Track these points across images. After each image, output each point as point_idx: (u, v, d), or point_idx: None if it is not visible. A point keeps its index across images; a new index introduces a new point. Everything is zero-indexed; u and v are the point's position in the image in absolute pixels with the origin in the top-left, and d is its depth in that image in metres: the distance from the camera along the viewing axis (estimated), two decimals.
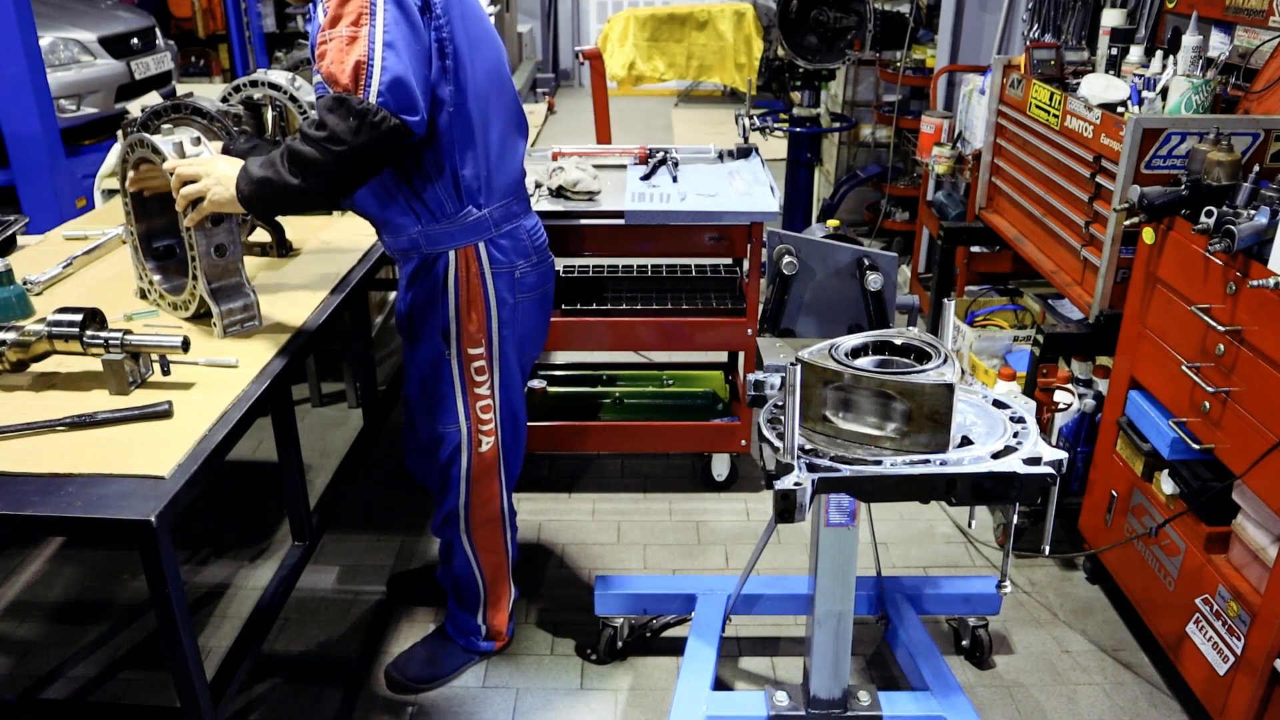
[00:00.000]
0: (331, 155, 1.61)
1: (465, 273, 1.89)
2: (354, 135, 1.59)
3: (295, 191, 1.66)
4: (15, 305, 1.87)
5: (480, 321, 1.93)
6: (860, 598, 2.24)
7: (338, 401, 3.60)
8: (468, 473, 2.08)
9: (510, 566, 2.27)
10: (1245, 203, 1.97)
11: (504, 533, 2.21)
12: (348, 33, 1.60)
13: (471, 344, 1.94)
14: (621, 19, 4.91)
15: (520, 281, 1.95)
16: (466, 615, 2.28)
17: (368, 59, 1.58)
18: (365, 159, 1.64)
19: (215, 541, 2.77)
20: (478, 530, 2.16)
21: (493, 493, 2.14)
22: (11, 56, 3.69)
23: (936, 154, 3.84)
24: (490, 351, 1.96)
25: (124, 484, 1.39)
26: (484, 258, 1.89)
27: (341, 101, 1.59)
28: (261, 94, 2.36)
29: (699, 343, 2.88)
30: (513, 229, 1.92)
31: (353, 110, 1.58)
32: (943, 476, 1.51)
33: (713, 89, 9.09)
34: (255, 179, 1.69)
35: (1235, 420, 1.93)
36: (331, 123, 1.59)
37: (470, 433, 2.03)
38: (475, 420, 2.02)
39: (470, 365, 1.96)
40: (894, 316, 2.10)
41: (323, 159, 1.61)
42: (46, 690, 2.25)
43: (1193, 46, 2.52)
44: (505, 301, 1.93)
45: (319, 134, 1.61)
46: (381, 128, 1.59)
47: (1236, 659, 1.94)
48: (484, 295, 1.91)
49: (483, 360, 1.96)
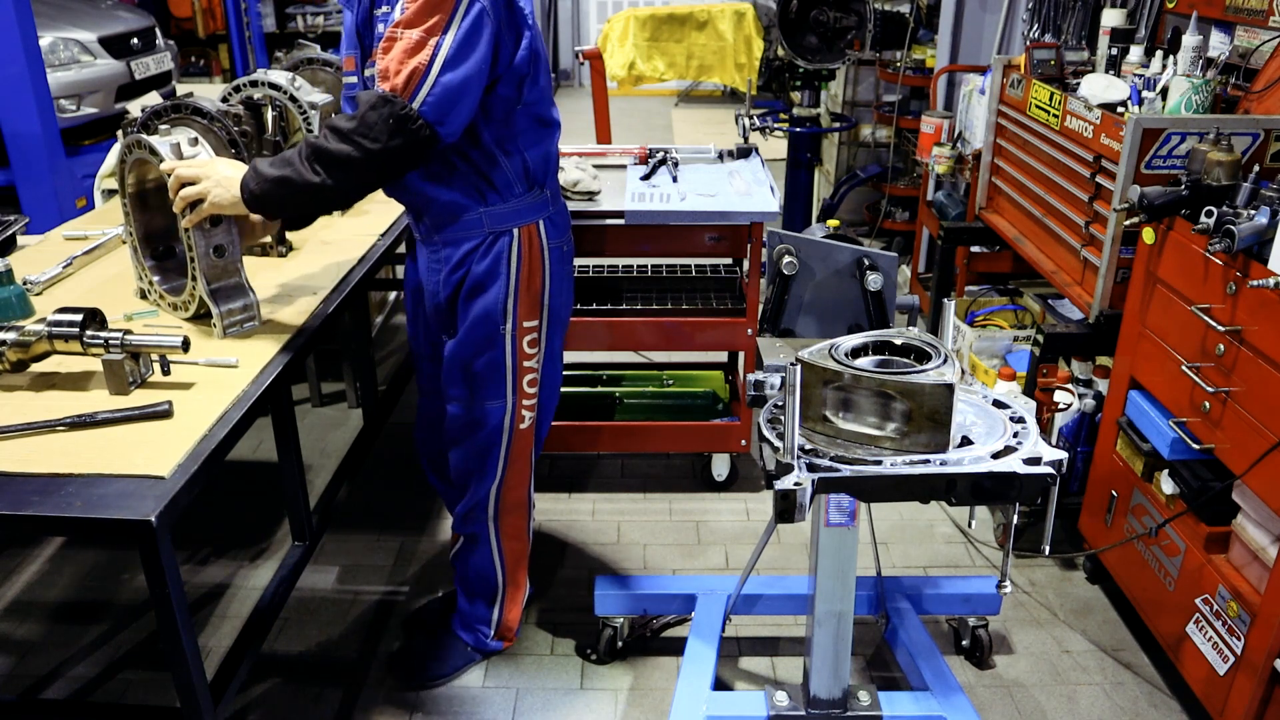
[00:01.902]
0: (363, 151, 1.63)
1: (528, 249, 1.94)
2: (389, 137, 1.62)
3: (313, 190, 1.67)
4: (15, 305, 1.87)
5: (537, 295, 1.98)
6: (860, 598, 2.24)
7: (338, 401, 3.60)
8: (507, 451, 2.09)
9: (528, 557, 2.29)
10: (1245, 203, 1.97)
11: (528, 519, 2.23)
12: (417, 37, 1.62)
13: (528, 317, 1.99)
14: (621, 19, 4.90)
15: (566, 254, 2.05)
16: (481, 608, 2.27)
17: (425, 68, 1.61)
18: (393, 161, 1.67)
19: (215, 541, 2.77)
20: (505, 516, 2.17)
21: (524, 474, 2.16)
22: (11, 56, 3.69)
23: (936, 154, 3.84)
24: (541, 324, 2.02)
25: (124, 484, 1.39)
26: (543, 234, 1.96)
27: (386, 101, 1.62)
28: (261, 94, 2.36)
29: (699, 343, 2.88)
30: (561, 206, 2.03)
31: (394, 112, 1.61)
32: (943, 476, 1.51)
33: (713, 89, 9.09)
34: (270, 177, 1.69)
35: (1235, 420, 1.93)
36: (371, 119, 1.62)
37: (514, 408, 2.05)
38: (520, 394, 2.04)
39: (524, 339, 2.00)
40: (894, 316, 2.10)
41: (352, 154, 1.63)
42: (46, 690, 2.25)
43: (1193, 46, 2.52)
44: (556, 274, 2.01)
45: (351, 126, 1.63)
46: (418, 135, 1.63)
47: (1236, 659, 1.94)
48: (542, 269, 1.97)
49: (536, 333, 2.01)
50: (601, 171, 2.91)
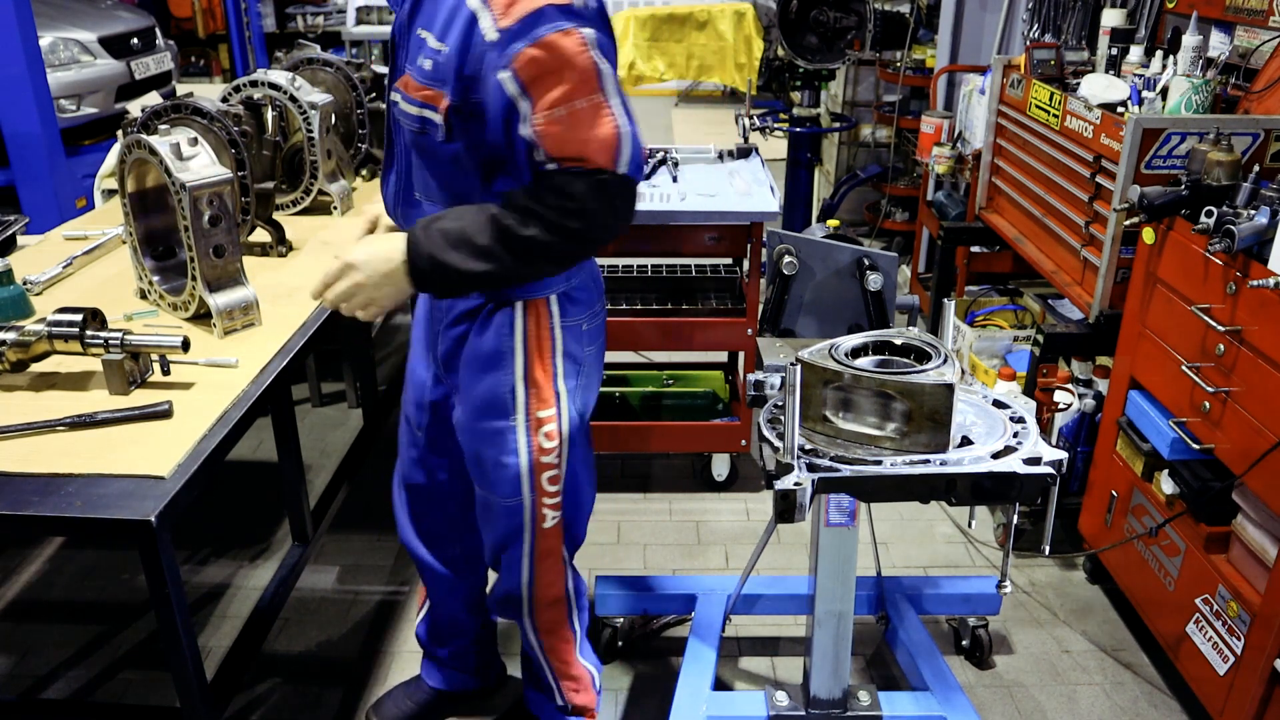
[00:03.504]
0: (592, 243, 1.48)
1: (535, 326, 1.64)
2: (619, 218, 1.47)
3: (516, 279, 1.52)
4: (15, 305, 1.87)
5: (550, 382, 1.68)
6: (860, 598, 2.24)
7: (338, 401, 3.60)
8: (531, 552, 1.80)
9: (579, 644, 1.99)
10: (1245, 203, 1.97)
11: (570, 614, 1.94)
12: (586, 104, 1.39)
13: (542, 406, 1.68)
14: (621, 19, 4.90)
15: (587, 334, 1.72)
16: (541, 697, 2.05)
17: (617, 132, 1.41)
18: (618, 231, 1.50)
19: (215, 541, 2.77)
20: (541, 612, 1.89)
21: (557, 572, 1.85)
22: (11, 56, 3.69)
23: (936, 154, 3.84)
24: (559, 414, 1.70)
25: (124, 484, 1.39)
26: (555, 310, 1.65)
27: (604, 184, 1.41)
28: (261, 94, 2.36)
29: (699, 343, 2.88)
30: (583, 276, 1.69)
31: (619, 192, 1.44)
32: (943, 476, 1.51)
33: (713, 89, 9.09)
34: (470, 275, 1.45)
35: (1235, 420, 1.93)
36: (597, 210, 1.43)
37: (534, 507, 1.74)
38: (540, 493, 1.73)
39: (539, 431, 1.69)
40: (894, 316, 2.10)
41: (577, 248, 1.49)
42: (46, 690, 2.25)
43: (1193, 46, 2.52)
44: (571, 356, 1.69)
45: (576, 224, 1.42)
46: (632, 198, 1.49)
47: (1236, 659, 1.94)
48: (552, 351, 1.67)
49: (552, 425, 1.69)
50: None
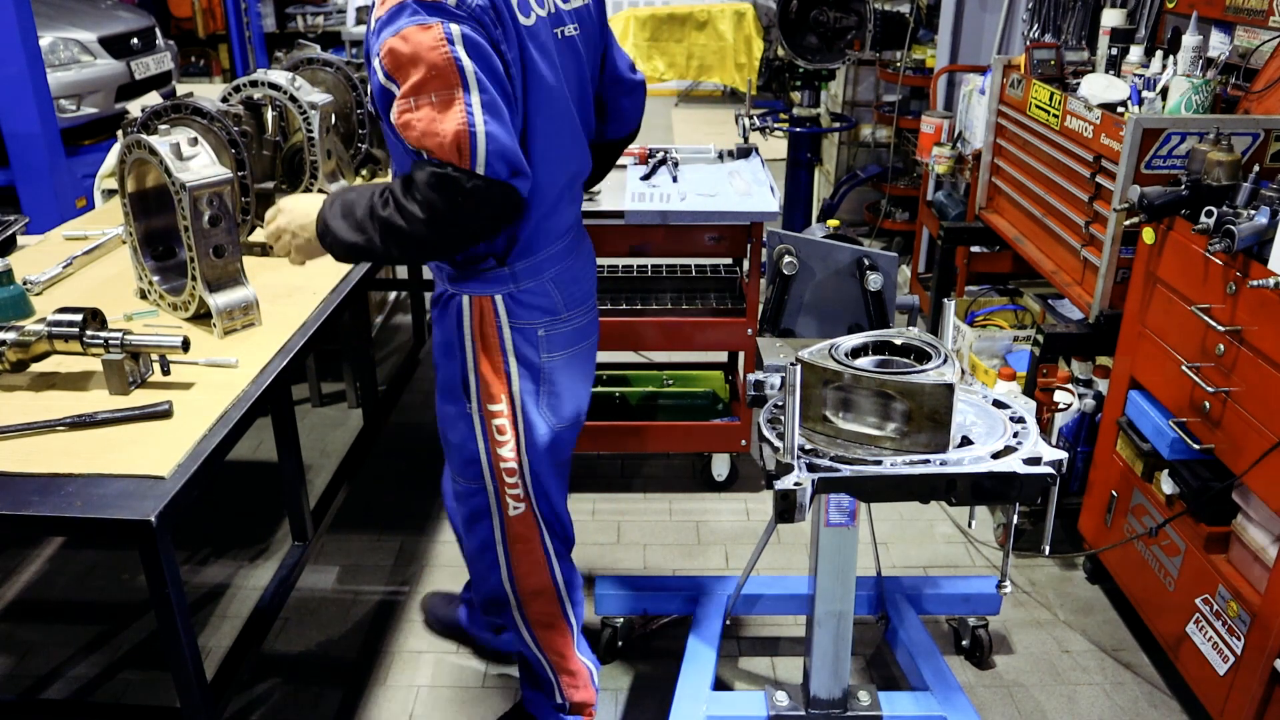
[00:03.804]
0: (438, 234, 1.46)
1: (479, 322, 1.67)
2: (464, 215, 1.43)
3: (391, 259, 1.56)
4: (15, 305, 1.87)
5: (500, 376, 1.70)
6: (860, 598, 2.24)
7: (338, 401, 3.60)
8: (504, 538, 1.84)
9: (577, 641, 2.01)
10: (1245, 203, 1.97)
11: (562, 605, 1.95)
12: (437, 99, 1.39)
13: (490, 400, 1.71)
14: (621, 19, 4.91)
15: (548, 340, 1.71)
16: (541, 697, 2.07)
17: (468, 126, 1.38)
18: (474, 230, 1.49)
19: (215, 541, 2.77)
20: (530, 604, 1.92)
21: (537, 558, 1.88)
22: (11, 56, 3.69)
23: (936, 154, 3.84)
24: (513, 411, 1.72)
25: (124, 484, 1.39)
26: (501, 310, 1.66)
27: (446, 181, 1.40)
28: (261, 94, 2.35)
29: (699, 343, 2.88)
30: (538, 284, 1.67)
31: (462, 190, 1.40)
32: (943, 476, 1.51)
33: (713, 89, 9.08)
34: (344, 243, 1.54)
35: (1235, 420, 1.93)
36: (438, 203, 1.41)
37: (498, 494, 1.80)
38: (501, 483, 1.79)
39: (491, 422, 1.73)
40: (894, 316, 2.10)
41: (426, 236, 1.45)
42: (46, 690, 2.25)
43: (1193, 46, 2.52)
44: (525, 358, 1.70)
45: (422, 215, 1.42)
46: (493, 197, 1.43)
47: (1236, 659, 1.94)
48: (501, 348, 1.68)
49: (503, 419, 1.72)
50: None
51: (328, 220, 1.55)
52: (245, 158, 2.13)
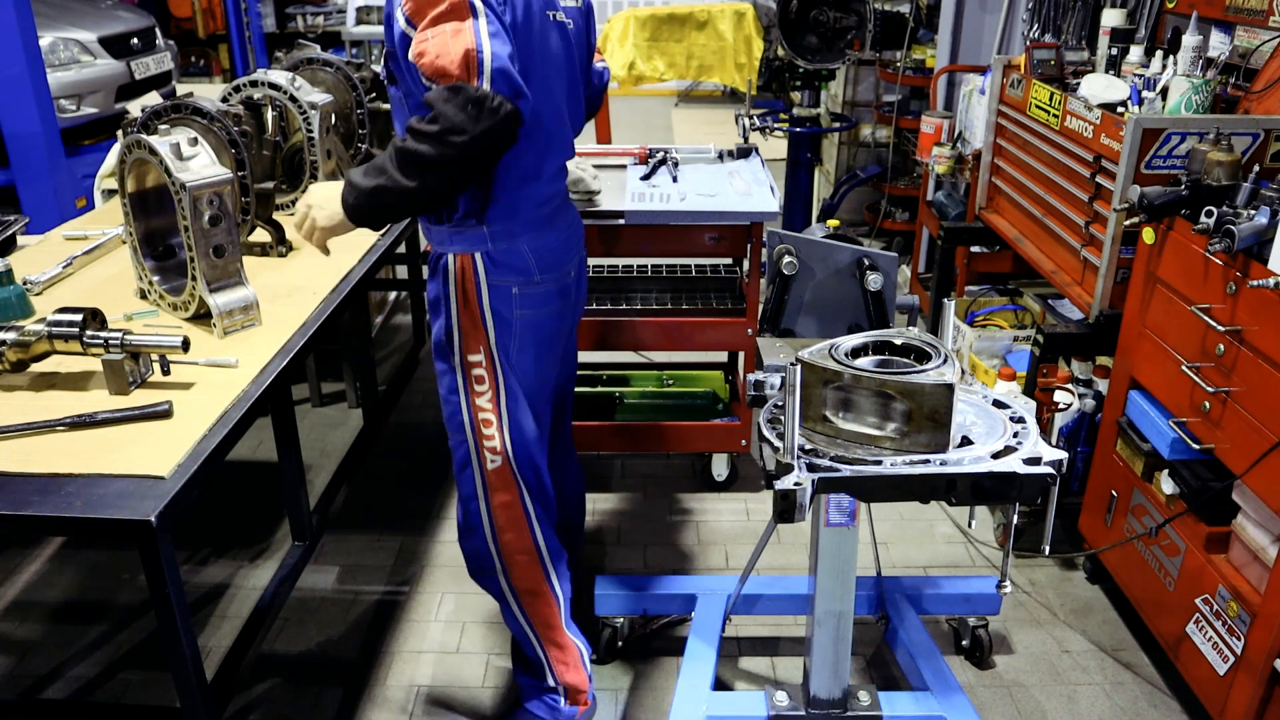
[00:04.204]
0: (452, 148, 1.55)
1: (461, 279, 1.83)
2: (475, 123, 1.53)
3: (411, 194, 1.61)
4: (15, 305, 1.87)
5: (479, 329, 1.85)
6: (860, 598, 2.24)
7: (338, 401, 3.60)
8: (485, 492, 1.95)
9: (565, 616, 2.05)
10: (1245, 203, 1.97)
11: (545, 569, 2.00)
12: (450, 28, 1.55)
13: (470, 350, 1.87)
14: (621, 19, 4.91)
15: (520, 299, 1.85)
16: (532, 681, 2.10)
17: (476, 47, 1.54)
18: (485, 148, 1.58)
19: (215, 541, 2.77)
20: (513, 566, 1.99)
21: (516, 515, 1.96)
22: (11, 56, 3.69)
23: (936, 154, 3.84)
24: (491, 363, 1.87)
25: (124, 484, 1.39)
26: (480, 268, 1.81)
27: (456, 90, 1.53)
28: (261, 94, 2.36)
29: (699, 343, 2.88)
30: (512, 246, 1.82)
31: (470, 98, 1.52)
32: (943, 476, 1.51)
33: (713, 89, 9.08)
34: (366, 189, 1.64)
35: (1235, 420, 1.93)
36: (449, 112, 1.53)
37: (477, 447, 1.92)
38: (479, 434, 1.91)
39: (470, 372, 1.88)
40: (894, 316, 2.10)
41: (441, 153, 1.55)
42: (46, 690, 2.25)
43: (1193, 46, 2.52)
44: (500, 315, 1.85)
45: (434, 128, 1.54)
46: (500, 113, 1.54)
47: (1236, 659, 1.94)
48: (479, 304, 1.83)
49: (481, 370, 1.87)
50: (601, 171, 2.91)
51: (350, 179, 1.68)
52: (245, 158, 2.13)
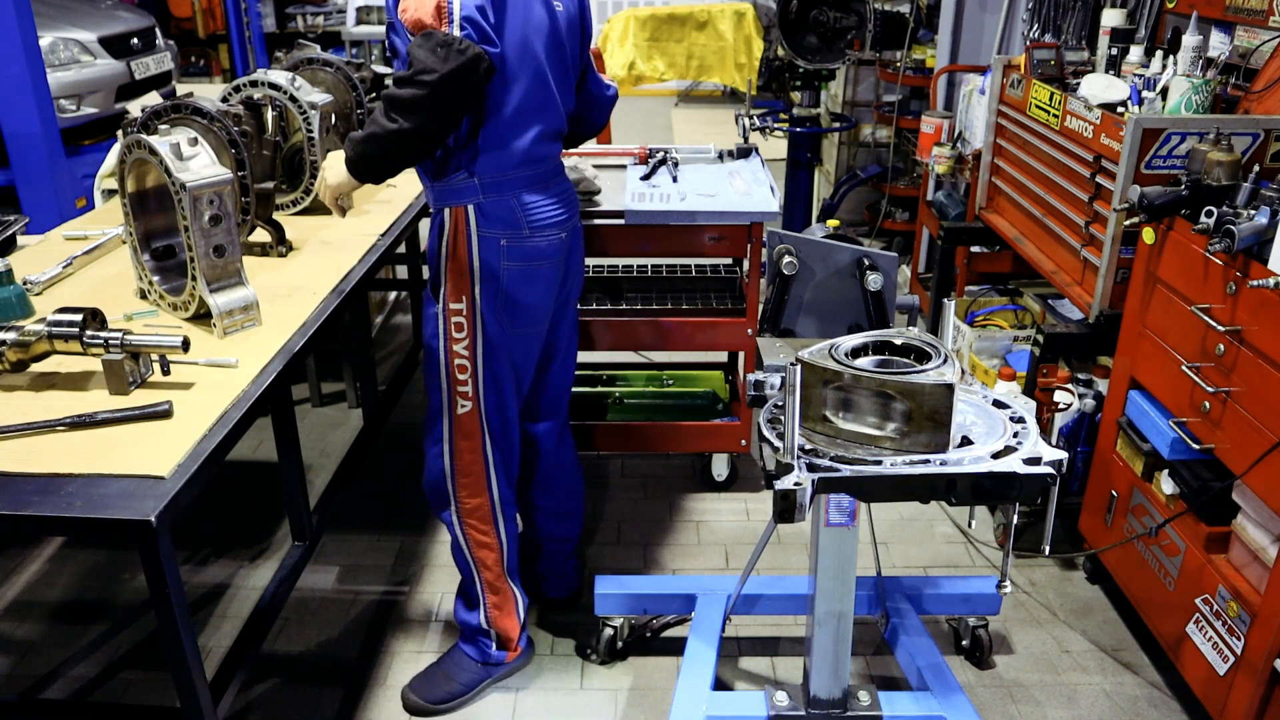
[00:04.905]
0: (426, 86, 1.73)
1: (454, 231, 1.98)
2: (442, 63, 1.72)
3: (397, 136, 1.79)
4: (15, 305, 1.87)
5: (464, 280, 2.00)
6: (860, 598, 2.24)
7: (338, 401, 3.60)
8: (449, 433, 2.10)
9: (507, 564, 2.20)
10: (1245, 203, 1.97)
11: (496, 523, 2.17)
12: None
13: (453, 299, 2.01)
14: (621, 19, 4.91)
15: (506, 250, 1.99)
16: (471, 615, 2.23)
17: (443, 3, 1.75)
18: (455, 86, 1.76)
19: (215, 541, 2.77)
20: (465, 512, 2.15)
21: (475, 467, 2.12)
22: (11, 56, 3.69)
23: (936, 154, 3.84)
24: (472, 312, 2.01)
25: (124, 484, 1.39)
26: (472, 220, 1.97)
27: (428, 35, 1.75)
28: (261, 94, 2.36)
29: (699, 343, 2.88)
30: (502, 199, 1.97)
31: (438, 41, 1.73)
32: (943, 476, 1.51)
33: (713, 89, 9.08)
34: (360, 139, 1.86)
35: (1235, 420, 1.93)
36: (421, 55, 1.74)
37: (449, 391, 2.07)
38: (453, 380, 2.06)
39: (450, 319, 2.02)
40: (894, 316, 2.10)
41: (417, 94, 1.74)
42: (46, 690, 2.25)
43: (1193, 46, 2.52)
44: (487, 265, 1.99)
45: (410, 72, 1.75)
46: (466, 54, 1.73)
47: (1236, 659, 1.94)
48: (468, 255, 1.98)
49: (461, 317, 2.01)
50: (601, 171, 2.91)
51: (350, 136, 1.91)
52: (245, 158, 2.13)
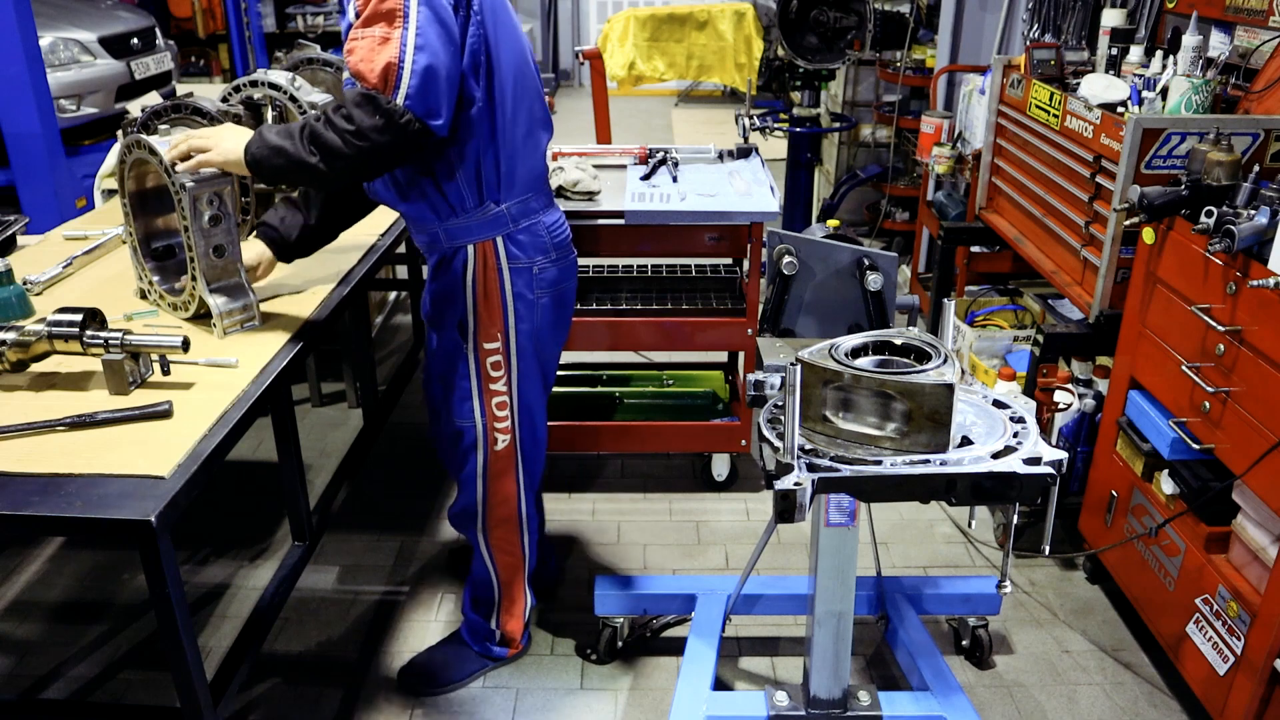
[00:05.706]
0: (353, 149, 1.63)
1: (483, 267, 1.89)
2: (378, 134, 1.61)
3: (306, 168, 1.67)
4: (15, 305, 1.87)
5: (496, 317, 1.93)
6: (860, 598, 2.24)
7: (338, 401, 3.60)
8: (484, 469, 2.08)
9: (527, 571, 2.24)
10: (1245, 203, 1.97)
11: (521, 535, 2.18)
12: (380, 33, 1.61)
13: (487, 339, 1.95)
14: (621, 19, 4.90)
15: (539, 278, 1.95)
16: (480, 619, 2.26)
17: (399, 61, 1.60)
18: (385, 157, 1.67)
19: (215, 541, 2.77)
20: (494, 529, 2.15)
21: (509, 492, 2.12)
22: (11, 56, 3.69)
23: (936, 154, 3.84)
24: (507, 348, 1.96)
25: (124, 484, 1.39)
26: (501, 253, 1.89)
27: (370, 99, 1.61)
28: (261, 94, 2.36)
29: (699, 343, 2.88)
30: (531, 224, 1.92)
31: (380, 109, 1.60)
32: (943, 476, 1.51)
33: (713, 89, 9.08)
34: (270, 144, 1.70)
35: (1235, 420, 1.93)
36: (358, 118, 1.61)
37: (486, 429, 2.03)
38: (490, 417, 2.02)
39: (486, 360, 1.96)
40: (894, 316, 2.10)
41: (344, 149, 1.63)
42: (46, 690, 2.25)
43: (1193, 46, 2.52)
44: (522, 297, 1.93)
45: (344, 125, 1.62)
46: (407, 130, 1.62)
47: (1236, 659, 1.94)
48: (500, 290, 1.91)
49: (499, 355, 1.96)
50: (601, 171, 2.91)
51: (261, 130, 1.73)
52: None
